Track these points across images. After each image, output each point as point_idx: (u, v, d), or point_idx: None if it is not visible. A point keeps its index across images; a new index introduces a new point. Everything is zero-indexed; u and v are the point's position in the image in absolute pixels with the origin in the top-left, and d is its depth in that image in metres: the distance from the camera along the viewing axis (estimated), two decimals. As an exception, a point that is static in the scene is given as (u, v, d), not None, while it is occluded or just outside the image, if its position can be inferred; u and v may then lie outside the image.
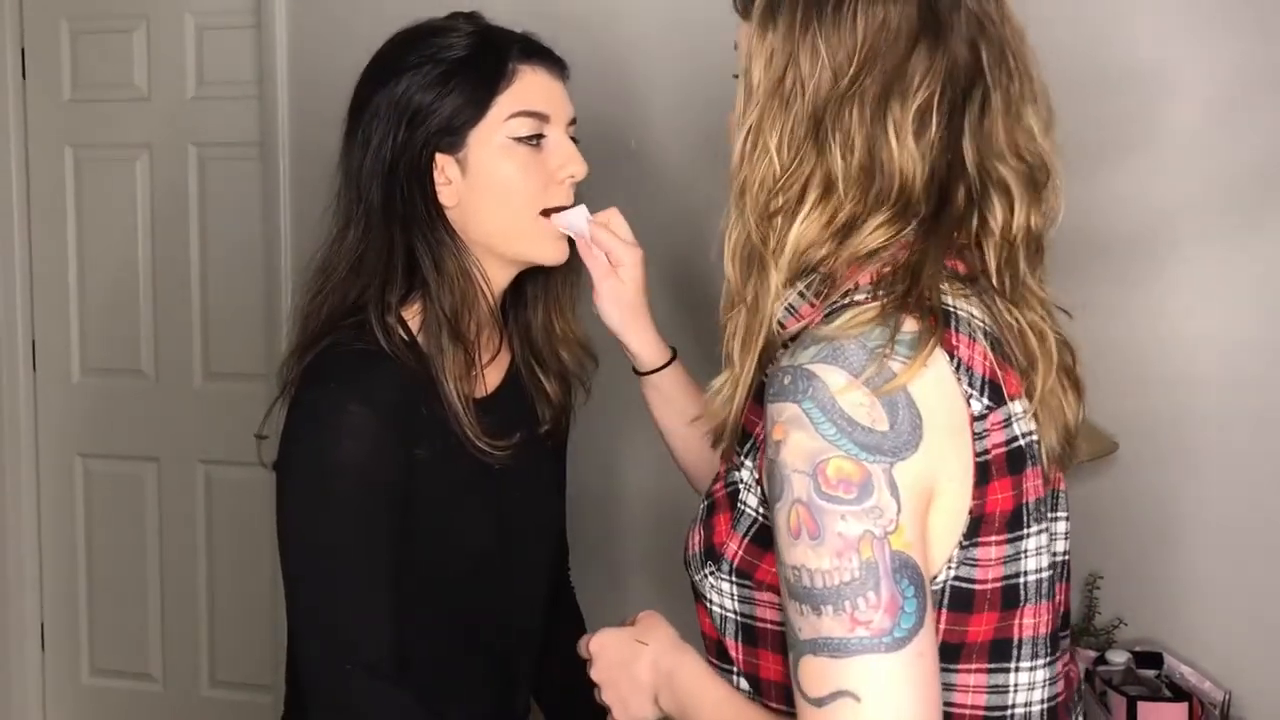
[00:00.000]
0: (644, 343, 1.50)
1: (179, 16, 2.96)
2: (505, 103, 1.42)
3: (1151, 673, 2.05)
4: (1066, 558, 1.15)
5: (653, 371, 1.51)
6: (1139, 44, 2.13)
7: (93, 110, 3.06)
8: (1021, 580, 1.04)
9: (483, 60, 1.42)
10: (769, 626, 1.09)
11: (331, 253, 1.46)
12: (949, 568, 1.02)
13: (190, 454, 3.07)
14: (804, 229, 1.07)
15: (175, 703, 3.13)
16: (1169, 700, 1.97)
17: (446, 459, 1.41)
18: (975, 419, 1.01)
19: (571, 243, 1.48)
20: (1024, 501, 1.04)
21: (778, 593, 1.04)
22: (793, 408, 0.98)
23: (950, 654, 1.03)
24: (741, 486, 1.11)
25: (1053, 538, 1.11)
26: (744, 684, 1.13)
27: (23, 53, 3.09)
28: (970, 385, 1.02)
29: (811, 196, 1.07)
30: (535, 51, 1.46)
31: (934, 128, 1.06)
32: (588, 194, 1.50)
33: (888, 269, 1.07)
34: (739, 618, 1.12)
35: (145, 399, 3.10)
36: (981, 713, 1.05)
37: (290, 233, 2.73)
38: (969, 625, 1.03)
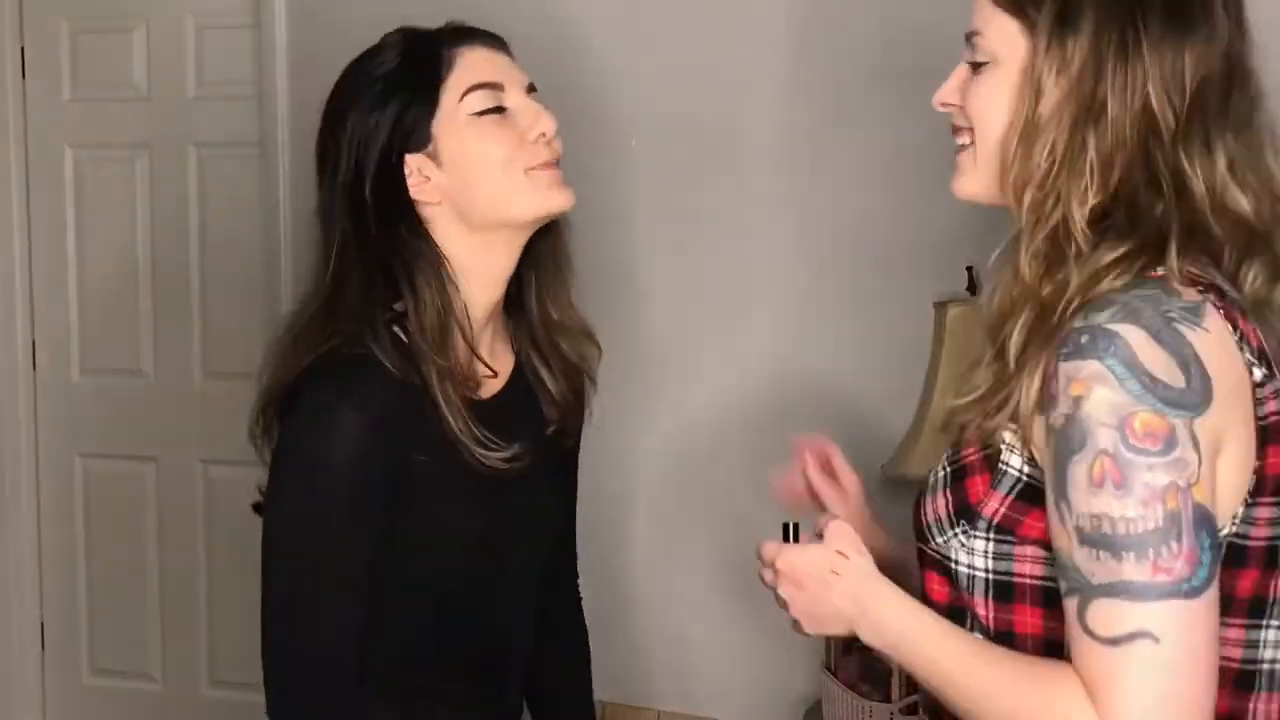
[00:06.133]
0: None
1: (178, 16, 2.95)
2: (454, 86, 1.44)
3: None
4: None
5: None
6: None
7: (92, 110, 3.06)
8: None
9: (418, 59, 1.44)
10: (1027, 581, 1.13)
11: (308, 297, 1.47)
12: (1233, 523, 1.07)
13: (190, 453, 3.06)
14: (1114, 244, 1.09)
15: (175, 702, 3.12)
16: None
17: (445, 464, 1.41)
18: (1256, 385, 1.08)
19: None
20: None
21: (1043, 547, 1.10)
22: (1094, 364, 1.03)
23: (1221, 609, 1.08)
24: (1004, 448, 1.13)
25: None
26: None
27: (22, 52, 3.08)
28: (1251, 355, 1.08)
29: (1174, 226, 1.09)
30: (466, 34, 1.48)
31: (1237, 174, 1.12)
32: (593, 195, 1.50)
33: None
34: (991, 575, 1.15)
35: (145, 398, 3.09)
36: (1237, 665, 1.10)
37: (290, 232, 2.73)
38: (1238, 580, 1.08)
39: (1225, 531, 1.07)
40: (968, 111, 1.19)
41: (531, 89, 1.49)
